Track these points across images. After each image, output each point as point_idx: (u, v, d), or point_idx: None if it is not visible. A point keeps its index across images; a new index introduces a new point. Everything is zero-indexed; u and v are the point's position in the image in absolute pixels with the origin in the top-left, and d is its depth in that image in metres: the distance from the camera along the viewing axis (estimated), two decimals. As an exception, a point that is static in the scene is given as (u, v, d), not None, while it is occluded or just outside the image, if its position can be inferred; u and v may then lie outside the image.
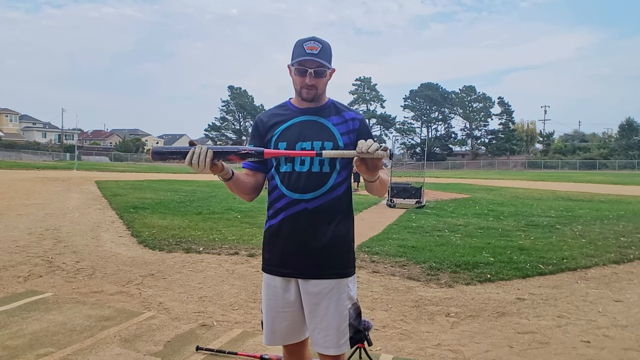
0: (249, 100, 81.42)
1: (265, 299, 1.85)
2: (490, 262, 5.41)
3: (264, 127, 1.85)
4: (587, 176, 34.59)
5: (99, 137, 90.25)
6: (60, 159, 54.65)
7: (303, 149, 1.75)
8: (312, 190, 1.74)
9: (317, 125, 1.80)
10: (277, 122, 1.84)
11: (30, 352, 2.85)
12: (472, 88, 78.73)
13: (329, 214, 1.76)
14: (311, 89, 1.77)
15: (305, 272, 1.76)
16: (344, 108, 1.88)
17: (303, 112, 1.83)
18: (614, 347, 3.16)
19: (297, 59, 1.75)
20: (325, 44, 1.77)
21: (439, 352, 3.05)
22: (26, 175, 22.75)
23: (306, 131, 1.78)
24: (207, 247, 6.19)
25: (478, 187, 20.96)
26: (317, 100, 1.82)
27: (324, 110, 1.83)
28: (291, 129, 1.80)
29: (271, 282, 1.82)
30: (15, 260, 5.29)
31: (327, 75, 1.80)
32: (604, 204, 13.02)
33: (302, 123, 1.81)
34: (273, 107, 1.93)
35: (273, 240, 1.81)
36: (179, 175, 29.03)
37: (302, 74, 1.76)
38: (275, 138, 1.80)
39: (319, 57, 1.73)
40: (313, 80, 1.76)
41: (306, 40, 1.76)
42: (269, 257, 1.83)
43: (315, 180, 1.74)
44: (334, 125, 1.80)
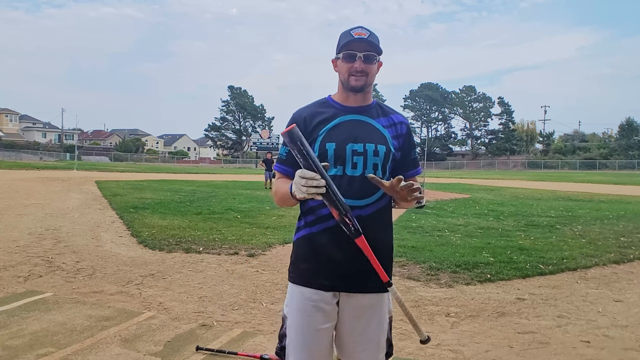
0: (249, 100, 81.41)
1: (300, 317, 1.63)
2: (490, 262, 5.41)
3: (307, 126, 1.65)
4: (587, 176, 34.59)
5: (99, 137, 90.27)
6: (60, 159, 54.64)
7: (354, 150, 1.60)
8: (366, 197, 1.60)
9: (366, 126, 1.66)
10: (321, 120, 1.66)
11: (30, 352, 2.85)
12: (472, 88, 78.81)
13: (380, 223, 1.65)
14: (361, 75, 1.62)
15: (353, 285, 1.61)
16: (391, 110, 1.75)
17: (349, 111, 1.67)
18: (614, 347, 3.16)
19: (345, 44, 1.62)
20: (372, 31, 1.64)
21: (439, 352, 3.05)
22: (26, 175, 22.75)
23: (356, 131, 1.63)
24: (207, 247, 6.19)
25: (478, 187, 20.96)
26: (364, 94, 1.67)
27: (370, 110, 1.69)
28: (339, 129, 1.64)
29: (311, 295, 1.62)
30: (15, 260, 5.29)
31: (377, 63, 1.66)
32: (604, 204, 13.02)
33: (350, 122, 1.65)
34: (312, 104, 1.74)
35: (316, 250, 1.63)
36: (179, 175, 29.05)
37: (351, 59, 1.62)
38: (321, 138, 1.63)
39: (369, 40, 1.61)
40: (363, 65, 1.61)
41: (353, 29, 1.64)
42: (308, 267, 1.64)
43: (369, 186, 1.57)
44: (384, 128, 1.67)
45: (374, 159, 1.62)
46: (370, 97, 1.72)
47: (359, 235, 1.48)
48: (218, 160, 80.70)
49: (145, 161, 68.18)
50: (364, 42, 1.61)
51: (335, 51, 1.70)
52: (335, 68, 1.70)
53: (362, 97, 1.68)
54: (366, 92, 1.68)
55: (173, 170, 38.92)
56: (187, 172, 34.15)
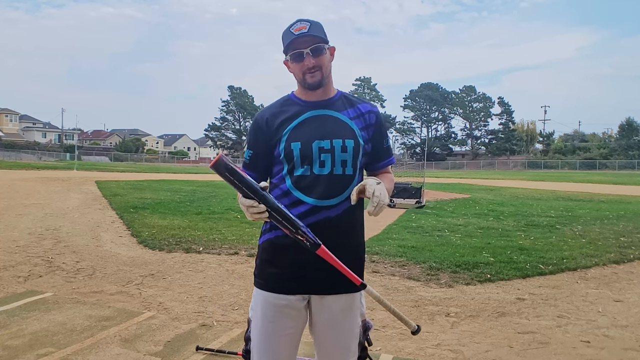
0: (249, 100, 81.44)
1: (265, 322, 1.58)
2: (490, 262, 5.41)
3: (270, 127, 1.59)
4: (587, 176, 34.59)
5: (99, 137, 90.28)
6: (60, 159, 54.64)
7: (321, 148, 1.54)
8: (335, 196, 1.53)
9: (332, 120, 1.58)
10: (284, 119, 1.58)
11: (30, 352, 2.85)
12: (472, 88, 78.80)
13: (350, 223, 1.58)
14: (315, 70, 1.55)
15: (324, 288, 1.55)
16: (357, 100, 1.67)
17: (313, 106, 1.59)
18: (614, 347, 3.16)
19: (289, 44, 1.55)
20: (314, 21, 1.57)
21: (439, 352, 3.05)
22: (26, 175, 22.75)
23: (322, 127, 1.56)
24: (207, 247, 6.19)
25: (478, 187, 20.96)
26: (325, 87, 1.60)
27: (335, 103, 1.62)
28: (304, 126, 1.56)
29: (277, 300, 1.57)
30: (15, 260, 5.29)
31: (327, 52, 1.58)
32: (604, 204, 13.02)
33: (315, 119, 1.57)
34: (274, 103, 1.66)
35: (282, 253, 1.58)
36: (179, 175, 29.04)
37: (299, 58, 1.55)
38: (285, 138, 1.56)
39: (310, 33, 1.54)
40: (313, 60, 1.54)
41: (292, 25, 1.56)
42: (275, 272, 1.58)
43: (337, 185, 1.53)
44: (351, 120, 1.59)
45: (342, 156, 1.55)
46: (331, 89, 1.65)
47: (317, 247, 1.44)
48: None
49: (145, 161, 68.17)
50: (307, 36, 1.54)
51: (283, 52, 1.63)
52: (289, 70, 1.63)
53: (322, 91, 1.61)
54: (325, 84, 1.60)
55: (173, 170, 38.91)
56: (187, 172, 34.14)
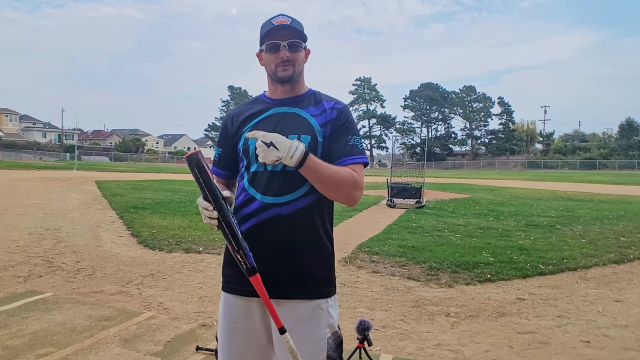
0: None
1: (224, 323, 1.56)
2: (490, 262, 5.41)
3: (233, 124, 1.61)
4: (587, 176, 34.60)
5: (99, 137, 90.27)
6: (60, 159, 54.66)
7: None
8: (286, 193, 1.48)
9: (293, 117, 1.56)
10: (248, 116, 1.59)
11: (30, 352, 2.85)
12: (472, 88, 78.80)
13: (306, 221, 1.49)
14: (287, 65, 1.52)
15: (275, 292, 1.45)
16: (325, 97, 1.62)
17: (279, 104, 1.59)
18: (614, 347, 3.16)
19: (267, 34, 1.53)
20: (296, 19, 1.55)
21: (439, 352, 3.05)
22: (26, 175, 22.75)
23: (281, 124, 1.54)
24: (207, 247, 6.19)
25: (478, 187, 20.96)
26: (294, 85, 1.58)
27: (302, 101, 1.59)
28: (264, 123, 1.55)
29: (235, 302, 1.54)
30: (15, 260, 5.29)
31: (303, 51, 1.56)
32: (604, 204, 13.02)
33: (276, 115, 1.56)
34: (245, 102, 1.69)
35: None
36: (179, 175, 29.02)
37: (275, 49, 1.52)
38: (245, 134, 1.55)
39: (290, 26, 1.52)
40: (288, 54, 1.51)
41: (273, 17, 1.54)
42: (232, 273, 1.54)
43: (291, 182, 1.48)
44: (312, 117, 1.55)
45: None
46: (302, 87, 1.62)
47: (253, 274, 1.37)
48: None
49: (145, 161, 68.17)
50: (287, 29, 1.51)
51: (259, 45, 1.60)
52: (261, 62, 1.60)
53: (291, 88, 1.58)
54: (295, 82, 1.58)
55: (173, 170, 38.91)
56: (187, 172, 34.04)
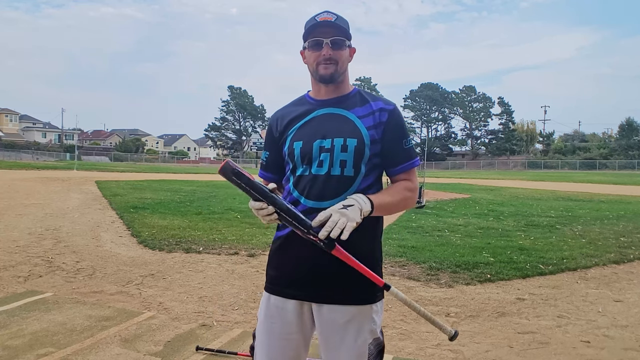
0: (249, 100, 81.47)
1: (266, 323, 1.54)
2: (490, 262, 5.41)
3: (278, 127, 1.58)
4: (587, 176, 34.59)
5: (99, 137, 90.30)
6: (60, 159, 54.66)
7: (322, 147, 1.48)
8: (330, 198, 1.44)
9: (338, 118, 1.51)
10: (293, 118, 1.55)
11: (30, 352, 2.85)
12: (472, 88, 78.84)
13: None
14: (329, 63, 1.48)
15: (319, 296, 1.47)
16: (371, 97, 1.57)
17: (323, 104, 1.54)
18: (614, 347, 3.16)
19: (310, 31, 1.49)
20: (341, 17, 1.51)
21: (439, 352, 3.05)
22: (26, 175, 22.75)
23: (326, 126, 1.49)
24: (207, 247, 6.19)
25: (478, 187, 20.95)
26: (338, 85, 1.54)
27: (347, 101, 1.54)
28: (309, 125, 1.52)
29: (278, 304, 1.52)
30: (15, 260, 5.29)
31: (346, 49, 1.52)
32: (604, 204, 13.01)
33: (321, 117, 1.52)
34: (289, 103, 1.64)
35: (281, 256, 1.54)
36: (179, 175, 29.03)
37: (318, 47, 1.48)
38: (290, 137, 1.53)
39: (335, 25, 1.48)
40: (331, 52, 1.47)
41: (318, 14, 1.50)
42: (275, 275, 1.54)
43: (335, 186, 1.45)
44: (359, 118, 1.51)
45: (341, 155, 1.46)
46: (346, 87, 1.57)
47: (332, 247, 1.35)
48: (218, 160, 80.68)
49: (145, 161, 68.18)
50: (331, 26, 1.47)
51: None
52: (304, 60, 1.57)
53: (334, 87, 1.54)
54: (339, 82, 1.54)
55: (173, 170, 38.91)
56: (187, 172, 34.14)
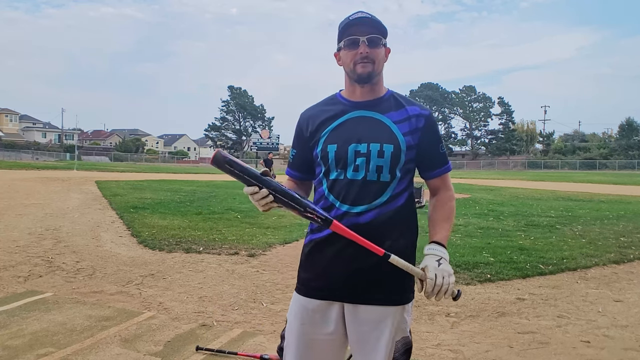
0: (249, 100, 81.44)
1: (297, 324, 1.54)
2: (490, 262, 5.41)
3: (309, 127, 1.56)
4: (587, 176, 34.59)
5: (99, 137, 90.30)
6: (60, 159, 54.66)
7: (357, 151, 1.47)
8: (366, 202, 1.46)
9: (373, 122, 1.49)
10: (326, 119, 1.53)
11: (30, 352, 2.85)
12: (472, 88, 78.86)
13: (384, 229, 1.47)
14: (366, 61, 1.46)
15: (354, 297, 1.48)
16: (406, 101, 1.55)
17: (357, 106, 1.52)
18: (614, 347, 3.16)
19: (346, 30, 1.47)
20: (373, 15, 1.50)
21: (439, 352, 3.05)
22: (26, 175, 22.75)
23: (361, 130, 1.48)
24: (207, 247, 6.19)
25: (478, 187, 20.95)
26: (374, 85, 1.52)
27: (382, 104, 1.52)
28: (343, 128, 1.50)
29: (309, 305, 1.53)
30: (15, 260, 5.29)
31: (383, 48, 1.50)
32: (604, 204, 13.01)
33: (355, 120, 1.50)
34: (319, 102, 1.61)
35: (315, 258, 1.54)
36: (179, 175, 29.05)
37: (354, 45, 1.46)
38: (323, 139, 1.51)
39: (370, 23, 1.46)
40: (368, 50, 1.45)
41: (352, 14, 1.49)
42: (309, 276, 1.55)
43: (371, 191, 1.46)
44: (394, 123, 1.49)
45: (378, 161, 1.46)
46: (381, 88, 1.55)
47: (329, 224, 1.39)
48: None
49: (145, 161, 68.19)
50: (366, 24, 1.46)
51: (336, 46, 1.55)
52: (338, 62, 1.55)
53: (370, 88, 1.52)
54: (375, 82, 1.52)
55: (173, 170, 38.91)
56: (187, 172, 34.14)
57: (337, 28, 1.53)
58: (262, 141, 53.92)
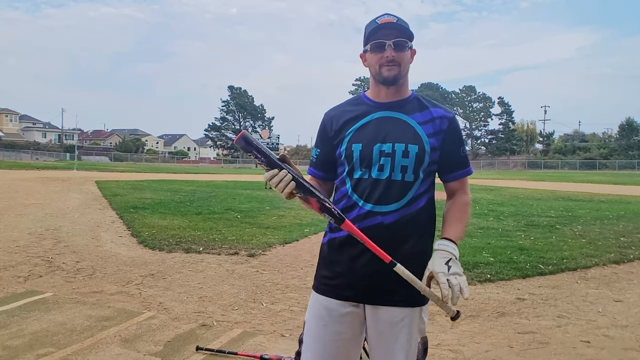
0: (249, 100, 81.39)
1: (315, 324, 1.56)
2: (490, 262, 5.41)
3: (333, 127, 1.58)
4: (587, 176, 34.59)
5: (99, 137, 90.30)
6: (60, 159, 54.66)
7: (382, 151, 1.49)
8: (391, 202, 1.48)
9: (399, 123, 1.52)
10: (350, 119, 1.55)
11: (30, 352, 2.85)
12: (472, 88, 78.83)
13: (407, 230, 1.49)
14: (392, 65, 1.49)
15: (375, 298, 1.50)
16: (430, 103, 1.58)
17: (381, 107, 1.54)
18: (614, 347, 3.16)
19: (372, 33, 1.50)
20: (402, 18, 1.51)
21: (439, 352, 3.05)
22: (26, 175, 22.75)
23: (386, 130, 1.50)
24: (207, 247, 6.19)
25: (478, 187, 20.94)
26: (399, 87, 1.55)
27: (406, 105, 1.55)
28: (368, 127, 1.52)
29: (329, 305, 1.53)
30: (15, 260, 5.29)
31: (408, 51, 1.52)
32: (604, 204, 13.01)
33: (380, 120, 1.52)
34: (344, 102, 1.64)
35: (335, 257, 1.55)
36: (179, 175, 29.05)
37: (380, 49, 1.49)
38: (348, 139, 1.53)
39: (397, 27, 1.49)
40: (394, 54, 1.48)
41: (379, 16, 1.52)
42: (329, 275, 1.55)
43: (395, 190, 1.48)
44: (419, 124, 1.52)
45: (402, 161, 1.48)
46: (406, 90, 1.58)
47: (342, 222, 1.41)
48: (218, 160, 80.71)
49: (145, 161, 68.19)
50: (392, 28, 1.48)
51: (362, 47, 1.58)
52: (364, 63, 1.58)
53: (395, 90, 1.55)
54: (400, 84, 1.54)
55: (173, 170, 38.91)
56: (187, 172, 34.15)
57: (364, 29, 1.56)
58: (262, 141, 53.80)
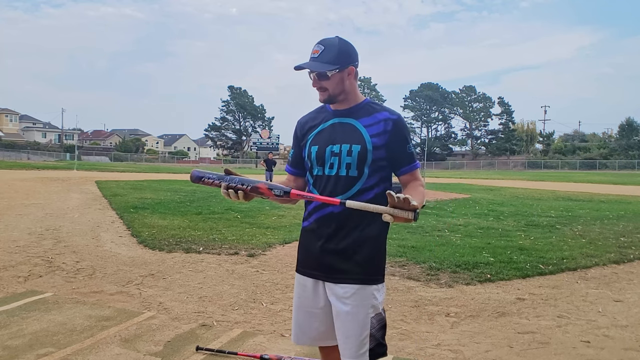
0: (249, 100, 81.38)
1: (295, 298, 1.87)
2: (490, 262, 5.41)
3: (301, 132, 1.89)
4: (587, 176, 34.59)
5: (99, 137, 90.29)
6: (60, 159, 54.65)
7: (332, 152, 1.75)
8: (339, 194, 1.72)
9: (347, 127, 1.77)
10: (312, 125, 1.86)
11: (30, 352, 2.85)
12: (472, 88, 78.86)
13: (354, 218, 1.71)
14: (321, 91, 1.77)
15: (329, 275, 1.76)
16: (379, 108, 1.80)
17: (337, 114, 1.81)
18: (614, 347, 3.16)
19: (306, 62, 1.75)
20: (330, 44, 1.73)
21: (439, 352, 3.05)
22: (26, 175, 22.75)
23: (336, 134, 1.77)
24: (207, 247, 6.19)
25: (478, 187, 20.95)
26: (344, 101, 1.79)
27: (357, 112, 1.79)
28: (323, 132, 1.81)
29: (302, 281, 1.84)
30: (15, 260, 5.29)
31: (336, 74, 1.73)
32: (604, 204, 13.01)
33: (334, 125, 1.79)
34: (313, 110, 1.93)
35: (304, 242, 1.85)
36: (179, 175, 29.04)
37: (310, 77, 1.77)
38: (309, 142, 1.83)
39: (317, 60, 1.72)
40: (317, 83, 1.75)
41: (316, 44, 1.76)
42: (300, 258, 1.87)
43: (341, 185, 1.73)
44: (365, 127, 1.75)
45: (347, 159, 1.73)
46: (354, 99, 1.80)
47: (289, 194, 1.64)
48: (218, 160, 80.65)
49: (145, 161, 68.18)
50: (315, 59, 1.72)
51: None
52: None
53: (344, 101, 1.79)
54: (341, 99, 1.78)
55: (173, 170, 38.90)
56: (187, 172, 34.10)
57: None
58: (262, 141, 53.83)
